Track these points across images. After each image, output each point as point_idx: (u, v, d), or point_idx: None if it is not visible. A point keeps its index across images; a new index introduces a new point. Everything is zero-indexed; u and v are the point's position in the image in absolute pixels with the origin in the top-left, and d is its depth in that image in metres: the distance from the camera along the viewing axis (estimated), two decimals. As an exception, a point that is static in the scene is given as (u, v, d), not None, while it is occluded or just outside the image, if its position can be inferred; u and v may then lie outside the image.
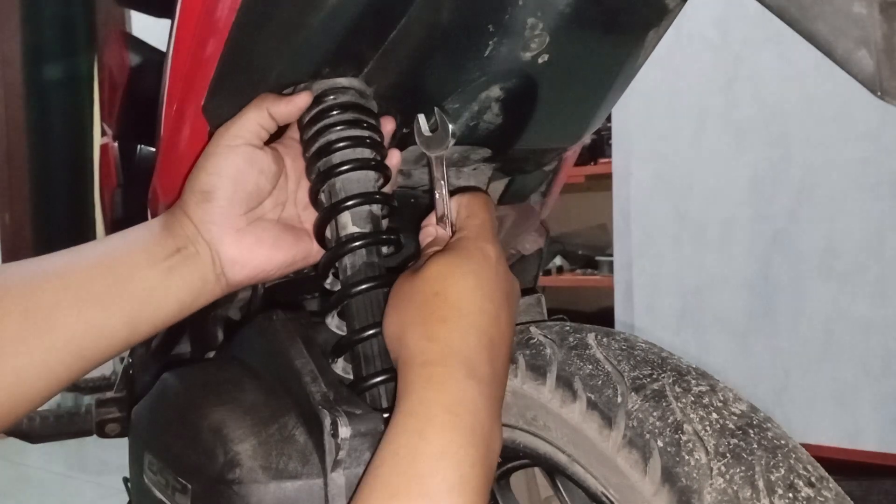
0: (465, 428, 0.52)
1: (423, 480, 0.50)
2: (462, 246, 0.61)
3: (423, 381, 0.54)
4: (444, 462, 0.50)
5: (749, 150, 2.47)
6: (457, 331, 0.56)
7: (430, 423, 0.52)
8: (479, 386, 0.54)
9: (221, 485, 0.60)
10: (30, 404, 0.60)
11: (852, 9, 0.38)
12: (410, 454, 0.51)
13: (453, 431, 0.51)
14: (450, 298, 0.57)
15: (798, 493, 0.48)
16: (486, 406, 0.54)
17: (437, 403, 0.53)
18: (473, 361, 0.55)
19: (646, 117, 2.68)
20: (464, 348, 0.55)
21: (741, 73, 2.47)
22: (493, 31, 0.62)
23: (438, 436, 0.51)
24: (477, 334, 0.56)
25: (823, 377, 2.35)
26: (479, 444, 0.52)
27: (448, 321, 0.56)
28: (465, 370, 0.54)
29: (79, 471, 2.79)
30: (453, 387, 0.53)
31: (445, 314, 0.56)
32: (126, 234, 0.66)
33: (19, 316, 0.58)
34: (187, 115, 0.75)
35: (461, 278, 0.58)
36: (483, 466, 0.52)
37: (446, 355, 0.55)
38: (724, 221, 2.53)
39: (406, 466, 0.50)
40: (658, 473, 0.50)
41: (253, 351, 0.70)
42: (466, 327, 0.56)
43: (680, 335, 2.62)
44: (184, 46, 0.74)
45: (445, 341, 0.55)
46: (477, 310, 0.57)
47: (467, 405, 0.53)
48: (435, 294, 0.57)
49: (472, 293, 0.58)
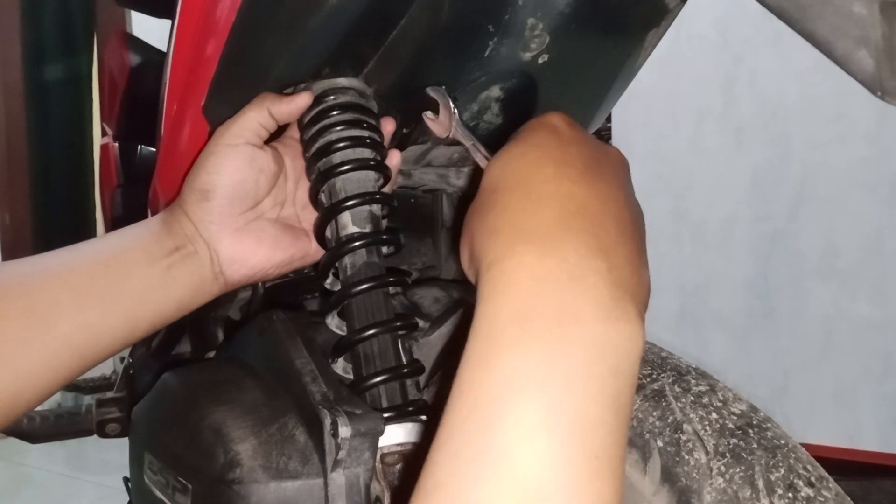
0: (546, 336, 0.39)
1: (490, 425, 0.37)
2: (518, 133, 0.51)
3: (490, 287, 0.42)
4: (513, 393, 0.38)
5: (749, 150, 2.47)
6: (524, 210, 0.44)
7: (495, 342, 0.39)
8: (563, 263, 0.41)
9: (222, 484, 0.60)
10: (29, 403, 0.60)
11: (852, 9, 0.38)
12: (474, 390, 0.39)
13: (524, 346, 0.39)
14: (510, 183, 0.46)
15: (798, 492, 0.48)
16: (585, 288, 0.40)
17: (502, 313, 0.40)
18: (553, 234, 0.42)
19: (645, 117, 2.67)
20: (538, 224, 0.43)
21: (741, 73, 2.47)
22: (492, 32, 0.62)
23: (505, 358, 0.39)
24: (558, 202, 0.44)
25: (823, 377, 2.35)
26: (580, 355, 0.38)
27: (511, 206, 0.45)
28: (541, 249, 0.42)
29: (79, 471, 2.79)
30: (524, 280, 0.41)
31: (508, 200, 0.45)
32: (125, 232, 0.66)
33: (18, 315, 0.58)
34: (187, 116, 0.75)
35: (521, 157, 0.47)
36: (599, 386, 0.38)
37: (514, 242, 0.43)
38: (724, 221, 2.53)
39: (470, 408, 0.38)
40: (658, 473, 0.50)
41: (253, 351, 0.70)
42: (537, 200, 0.44)
43: (679, 335, 2.62)
44: (184, 46, 0.74)
45: (512, 226, 0.44)
46: (550, 177, 0.45)
47: (549, 297, 0.40)
48: (495, 189, 0.47)
49: (538, 167, 0.46)
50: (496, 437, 0.36)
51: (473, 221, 0.47)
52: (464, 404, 0.38)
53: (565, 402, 0.37)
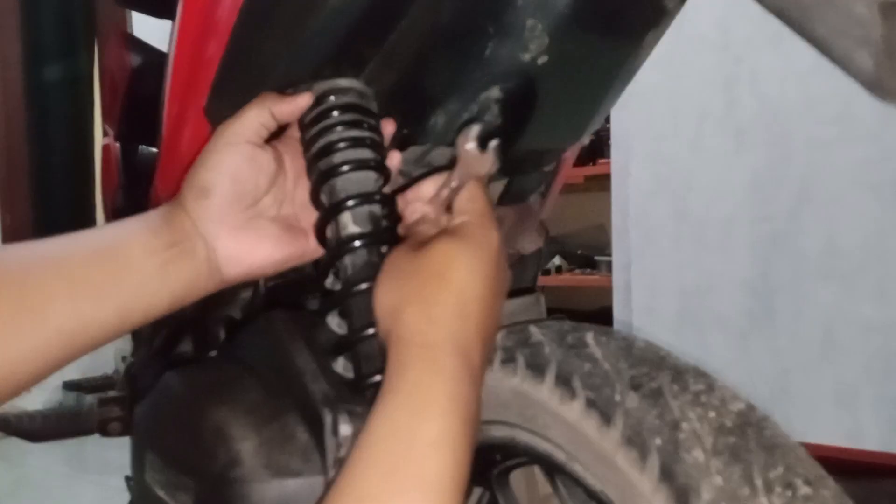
0: (461, 416, 0.52)
1: (419, 463, 0.50)
2: (469, 232, 0.61)
3: (424, 363, 0.54)
4: (442, 448, 0.50)
5: (749, 151, 2.47)
6: (458, 318, 0.56)
7: (430, 407, 0.52)
8: (472, 376, 0.55)
9: (223, 483, 0.61)
10: (16, 388, 0.60)
11: (852, 9, 0.38)
12: (408, 436, 0.51)
13: (452, 418, 0.51)
14: (453, 283, 0.57)
15: (796, 491, 0.48)
16: (476, 398, 0.55)
17: (437, 388, 0.52)
18: (470, 351, 0.55)
19: (645, 118, 2.68)
20: (462, 336, 0.55)
21: (741, 73, 2.47)
22: (492, 33, 0.62)
23: (437, 421, 0.51)
24: (475, 323, 0.57)
25: (824, 377, 2.35)
26: (469, 434, 0.52)
27: (449, 306, 0.56)
28: (463, 359, 0.54)
29: (80, 470, 2.79)
30: (453, 375, 0.53)
31: (447, 299, 0.56)
32: (123, 224, 0.66)
33: (11, 301, 0.58)
34: (189, 116, 0.75)
35: (466, 264, 0.58)
36: (470, 457, 0.53)
37: (446, 341, 0.55)
38: (724, 221, 2.53)
39: (403, 447, 0.50)
40: (656, 471, 0.50)
41: (254, 350, 0.71)
42: (467, 315, 0.56)
43: (679, 335, 2.62)
44: (185, 47, 0.74)
45: (447, 327, 0.55)
46: (478, 297, 0.58)
47: (464, 394, 0.53)
48: (439, 276, 0.57)
49: (474, 281, 0.58)
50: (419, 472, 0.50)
51: (410, 291, 0.57)
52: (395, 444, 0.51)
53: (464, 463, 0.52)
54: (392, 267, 0.60)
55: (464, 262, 0.58)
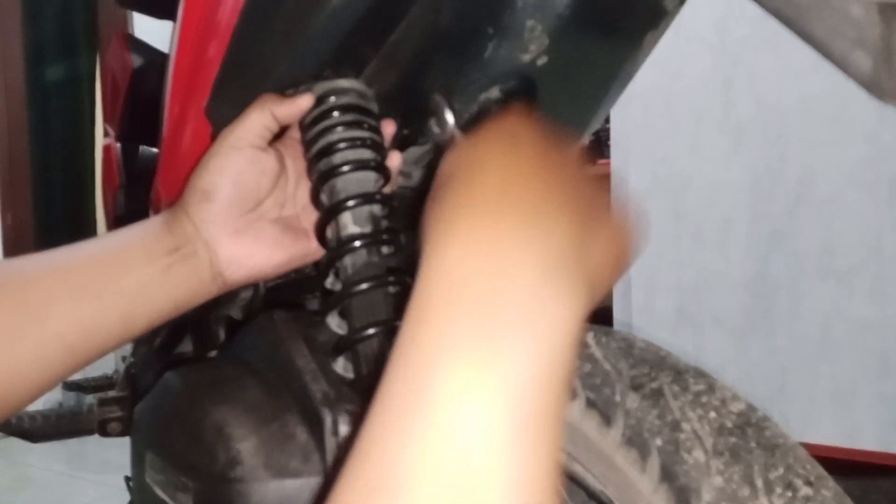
0: (469, 303, 0.38)
1: (421, 389, 0.37)
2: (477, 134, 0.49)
3: (424, 265, 0.41)
4: (443, 359, 0.37)
5: (747, 151, 2.47)
6: (463, 192, 0.43)
7: (426, 313, 0.39)
8: (497, 232, 0.40)
9: (223, 483, 0.61)
10: (21, 398, 0.60)
11: (850, 10, 0.38)
12: (406, 360, 0.39)
13: (453, 314, 0.38)
14: (453, 170, 0.46)
15: (797, 491, 0.48)
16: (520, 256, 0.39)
17: (432, 285, 0.40)
18: (489, 206, 0.42)
19: (644, 118, 2.68)
20: (474, 200, 0.42)
21: (739, 73, 2.47)
22: (492, 34, 0.62)
23: (434, 327, 0.38)
24: (498, 180, 0.43)
25: (822, 376, 2.35)
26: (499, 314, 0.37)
27: (452, 190, 0.44)
28: (474, 220, 0.41)
29: (80, 470, 2.79)
30: (454, 251, 0.40)
31: (449, 187, 0.44)
32: (125, 231, 0.66)
33: (13, 311, 0.58)
34: (190, 117, 0.75)
35: (467, 149, 0.47)
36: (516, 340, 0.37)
37: (449, 220, 0.42)
38: (722, 221, 2.53)
39: (402, 377, 0.38)
40: (657, 472, 0.50)
41: (254, 350, 0.71)
42: (479, 180, 0.43)
43: (678, 334, 2.62)
44: (186, 48, 0.74)
45: (449, 207, 0.43)
46: (494, 161, 0.45)
47: (474, 266, 0.39)
48: (440, 180, 0.46)
49: (482, 153, 0.46)
50: (425, 400, 0.36)
51: (426, 204, 0.46)
52: (396, 373, 0.38)
53: (493, 364, 0.36)
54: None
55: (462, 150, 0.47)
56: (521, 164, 0.44)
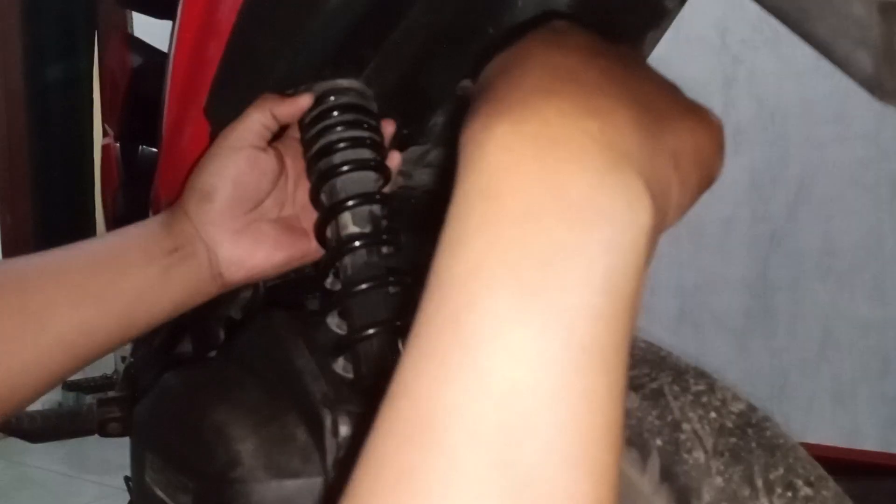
0: (512, 212, 0.31)
1: (457, 319, 0.31)
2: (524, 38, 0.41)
3: (462, 170, 0.34)
4: (481, 281, 0.31)
5: (747, 151, 2.47)
6: (505, 85, 0.36)
7: (462, 226, 0.32)
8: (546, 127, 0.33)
9: (223, 483, 0.61)
10: (22, 401, 0.60)
11: (851, 10, 0.38)
12: (441, 282, 0.32)
13: (493, 226, 0.31)
14: (495, 70, 0.39)
15: (797, 492, 0.48)
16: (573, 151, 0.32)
17: (470, 193, 0.33)
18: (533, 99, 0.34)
19: (645, 117, 2.67)
20: (516, 93, 0.35)
21: (740, 73, 2.47)
22: (492, 34, 0.62)
23: (471, 243, 0.32)
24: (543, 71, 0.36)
25: (822, 377, 2.35)
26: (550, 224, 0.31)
27: (492, 86, 0.36)
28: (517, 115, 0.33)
29: (80, 470, 2.79)
30: (493, 152, 0.33)
31: (490, 84, 0.37)
32: (124, 231, 0.66)
33: (12, 312, 0.58)
34: (189, 116, 0.75)
35: (511, 49, 0.40)
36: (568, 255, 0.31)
37: (489, 115, 0.34)
38: (723, 221, 2.53)
39: (437, 303, 0.32)
40: (657, 472, 0.50)
41: (254, 350, 0.71)
42: (520, 74, 0.36)
43: (678, 334, 2.62)
44: (185, 48, 0.74)
45: (489, 102, 0.35)
46: (538, 53, 0.38)
47: (518, 168, 0.32)
48: (481, 83, 0.39)
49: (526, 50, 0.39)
50: (463, 333, 0.31)
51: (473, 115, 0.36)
52: (431, 299, 0.32)
53: (542, 286, 0.30)
54: None
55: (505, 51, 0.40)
56: (569, 55, 0.38)
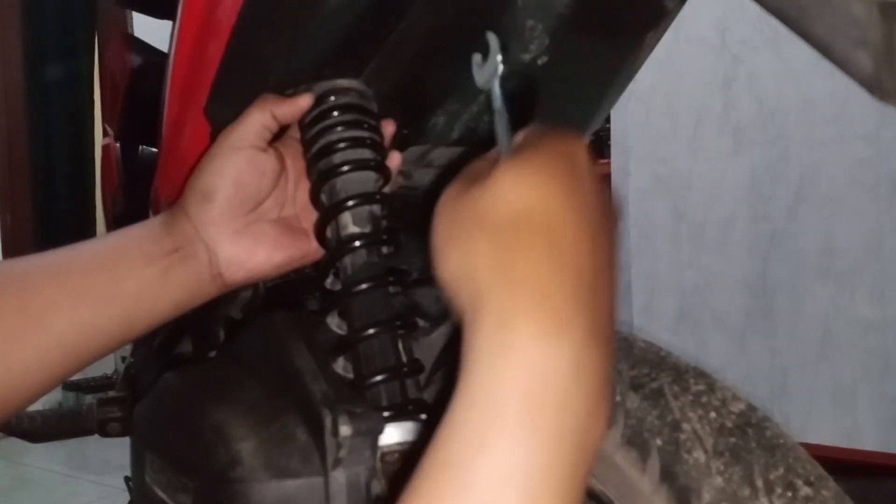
0: (547, 429, 0.38)
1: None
2: (541, 148, 0.45)
3: (497, 349, 0.39)
4: (512, 488, 0.37)
5: (747, 151, 2.47)
6: (548, 270, 0.41)
7: (498, 423, 0.38)
8: (574, 350, 0.39)
9: (223, 483, 0.61)
10: (22, 401, 0.60)
11: (851, 10, 0.38)
12: (465, 469, 0.38)
13: (529, 438, 0.38)
14: (535, 223, 0.42)
15: (797, 491, 0.48)
16: (585, 380, 0.39)
17: (511, 390, 0.38)
18: (569, 311, 0.40)
19: (644, 118, 2.68)
20: (557, 293, 0.40)
21: (739, 73, 2.47)
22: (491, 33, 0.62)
23: (507, 446, 0.37)
24: (574, 271, 0.41)
25: (822, 377, 2.35)
26: (566, 448, 0.38)
27: (534, 257, 0.41)
28: (557, 326, 0.39)
29: (80, 470, 2.79)
30: (538, 359, 0.39)
31: (531, 247, 0.41)
32: (124, 232, 0.66)
33: (12, 313, 0.59)
34: (189, 116, 0.75)
35: (547, 192, 0.42)
36: (571, 477, 0.38)
37: (534, 307, 0.39)
38: (723, 221, 2.53)
39: (458, 487, 0.37)
40: (657, 472, 0.50)
41: (254, 350, 0.71)
42: (560, 264, 0.41)
43: (678, 334, 2.62)
44: (185, 48, 0.74)
45: (534, 285, 0.40)
46: (571, 236, 0.42)
47: (556, 388, 0.38)
48: (514, 220, 0.42)
49: (563, 212, 0.42)
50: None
51: (481, 246, 0.42)
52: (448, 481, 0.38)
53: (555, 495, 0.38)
54: (447, 219, 0.46)
55: (543, 190, 0.42)
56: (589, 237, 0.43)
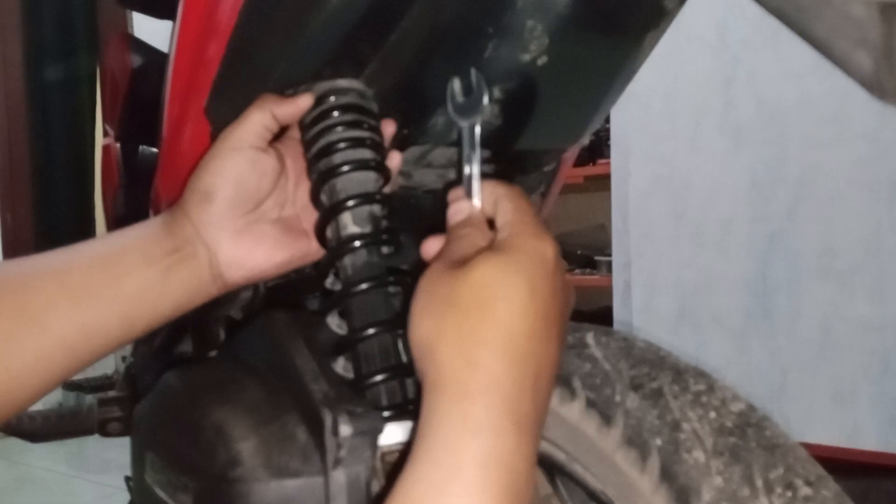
0: (499, 488, 0.44)
1: None
2: (516, 247, 0.52)
3: (456, 420, 0.46)
4: None
5: (747, 151, 2.47)
6: (502, 359, 0.47)
7: (457, 479, 0.44)
8: (520, 432, 0.46)
9: (223, 483, 0.61)
10: (23, 402, 0.60)
11: (851, 10, 0.38)
12: None
13: (483, 494, 0.44)
14: (497, 314, 0.48)
15: (797, 491, 0.48)
16: (525, 457, 0.46)
17: (468, 454, 0.45)
18: (518, 400, 0.47)
19: (644, 118, 2.68)
20: (508, 382, 0.47)
21: (739, 73, 2.47)
22: (492, 33, 0.62)
23: (464, 499, 0.44)
24: (524, 364, 0.48)
25: (821, 376, 2.35)
26: (510, 500, 0.45)
27: (492, 344, 0.47)
28: (508, 411, 0.46)
29: (80, 470, 2.79)
30: (491, 434, 0.45)
31: (490, 335, 0.48)
32: (124, 232, 0.66)
33: (12, 314, 0.58)
34: (189, 116, 0.75)
35: (513, 289, 0.49)
36: None
37: (488, 389, 0.46)
38: (723, 221, 2.53)
39: None
40: (657, 472, 0.50)
41: (254, 350, 0.71)
42: (514, 355, 0.48)
43: (678, 334, 2.62)
44: (186, 48, 0.74)
45: (488, 371, 0.47)
46: (527, 331, 0.49)
47: (505, 458, 0.45)
48: (480, 305, 0.49)
49: (524, 310, 0.49)
50: None
51: (447, 323, 0.49)
52: None
53: None
54: (427, 291, 0.52)
55: (511, 287, 0.49)
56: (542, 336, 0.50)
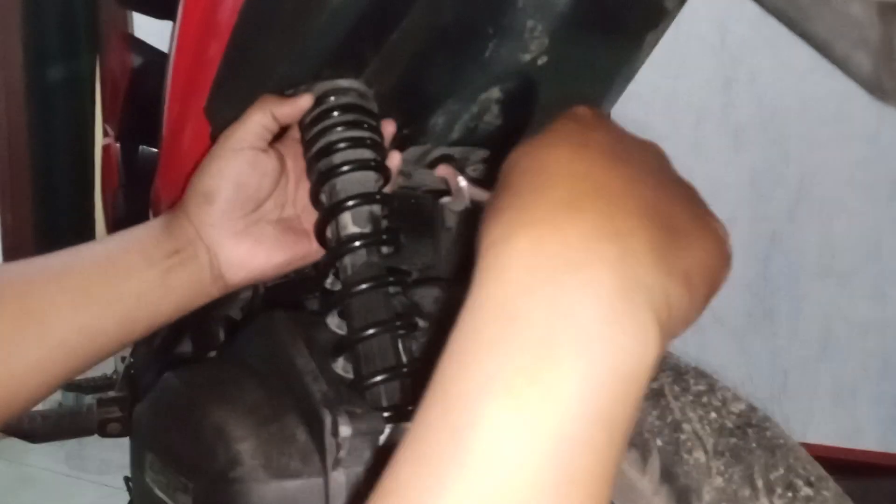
0: (525, 339, 0.33)
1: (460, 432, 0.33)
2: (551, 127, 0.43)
3: (481, 274, 0.36)
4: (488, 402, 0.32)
5: (747, 151, 2.47)
6: (532, 190, 0.38)
7: (475, 341, 0.34)
8: (567, 249, 0.34)
9: (223, 483, 0.61)
10: (24, 403, 0.60)
11: (850, 10, 0.38)
12: (449, 391, 0.34)
13: (504, 350, 0.33)
14: (522, 166, 0.40)
15: (797, 492, 0.48)
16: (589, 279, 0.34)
17: (486, 308, 0.35)
18: (558, 215, 0.36)
19: (644, 118, 2.65)
20: (543, 204, 0.36)
21: (739, 73, 2.47)
22: (492, 34, 0.62)
23: (482, 362, 0.34)
24: (569, 182, 0.37)
25: (822, 377, 2.35)
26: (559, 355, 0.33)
27: (519, 186, 0.38)
28: (541, 231, 0.35)
29: (80, 470, 2.79)
30: (515, 269, 0.35)
31: (517, 181, 0.39)
32: (125, 234, 0.66)
33: (13, 316, 0.59)
34: (189, 116, 0.75)
35: (537, 143, 0.41)
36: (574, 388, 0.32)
37: (513, 223, 0.36)
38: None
39: (442, 410, 0.34)
40: (657, 472, 0.50)
41: (254, 350, 0.71)
42: (547, 180, 0.38)
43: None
44: (186, 48, 0.74)
45: (514, 206, 0.37)
46: (565, 158, 0.39)
47: (536, 293, 0.34)
48: (507, 174, 0.40)
49: (553, 148, 0.40)
50: (462, 451, 0.32)
51: (485, 211, 0.39)
52: (436, 404, 0.34)
53: (546, 417, 0.32)
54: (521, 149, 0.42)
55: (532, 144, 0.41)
56: (592, 158, 0.39)
